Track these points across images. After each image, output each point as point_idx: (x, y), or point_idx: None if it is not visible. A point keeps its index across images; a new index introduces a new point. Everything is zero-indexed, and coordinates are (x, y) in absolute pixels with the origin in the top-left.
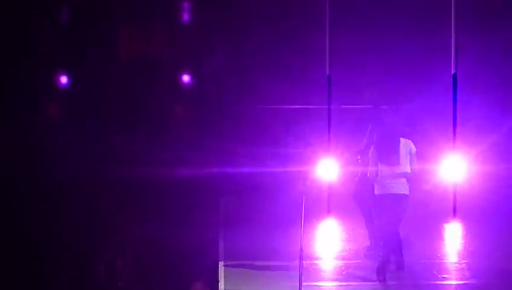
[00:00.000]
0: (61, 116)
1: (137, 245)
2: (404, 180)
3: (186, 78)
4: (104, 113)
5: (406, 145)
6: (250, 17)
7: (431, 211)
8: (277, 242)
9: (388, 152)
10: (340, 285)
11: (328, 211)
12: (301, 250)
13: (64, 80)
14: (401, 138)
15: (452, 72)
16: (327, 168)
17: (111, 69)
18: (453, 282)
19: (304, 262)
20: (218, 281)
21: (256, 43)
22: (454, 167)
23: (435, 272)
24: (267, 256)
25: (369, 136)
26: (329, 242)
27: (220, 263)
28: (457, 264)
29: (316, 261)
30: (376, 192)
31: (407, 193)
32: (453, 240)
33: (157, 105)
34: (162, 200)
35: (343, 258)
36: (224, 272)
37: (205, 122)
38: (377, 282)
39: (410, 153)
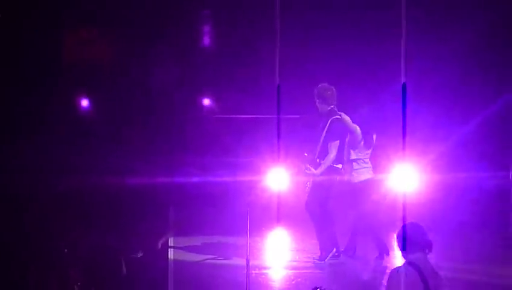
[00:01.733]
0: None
1: (89, 255)
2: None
3: (134, 87)
4: (52, 124)
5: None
6: (199, 27)
7: (380, 221)
8: (225, 252)
9: (368, 139)
10: None
11: (278, 221)
12: (247, 260)
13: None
14: None
15: (402, 82)
16: (277, 178)
17: (55, 76)
18: None
19: (252, 272)
20: None
21: (205, 52)
22: (404, 177)
23: (384, 282)
24: (215, 267)
25: (323, 145)
26: (278, 252)
27: (169, 273)
28: None
29: (265, 271)
30: (358, 179)
31: None
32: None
33: (106, 115)
34: (112, 210)
35: (293, 268)
36: (174, 283)
37: (154, 132)
38: None
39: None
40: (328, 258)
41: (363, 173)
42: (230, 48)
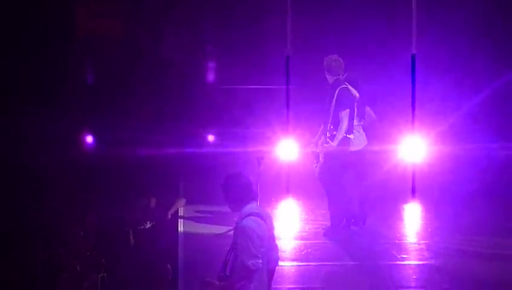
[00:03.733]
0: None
1: (98, 226)
2: None
3: (143, 58)
4: (56, 94)
5: None
6: None
7: (390, 192)
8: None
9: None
10: (299, 265)
11: (287, 191)
12: None
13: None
14: None
15: (411, 53)
16: (286, 149)
17: (65, 46)
18: (413, 262)
19: None
20: (177, 263)
21: (214, 23)
22: (413, 148)
23: (394, 252)
24: (225, 237)
25: (334, 115)
26: (288, 222)
27: (179, 243)
28: (416, 245)
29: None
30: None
31: None
32: (412, 220)
33: (114, 86)
34: (121, 181)
35: (303, 239)
36: (183, 252)
37: (164, 103)
38: (336, 262)
39: None
40: (338, 228)
41: (360, 141)
42: (241, 18)
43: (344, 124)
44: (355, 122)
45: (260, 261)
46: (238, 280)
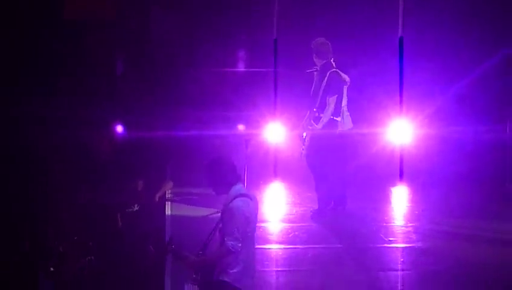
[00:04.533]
0: None
1: (86, 208)
2: None
3: (132, 42)
4: (49, 75)
5: None
6: None
7: (377, 175)
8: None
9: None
10: (287, 248)
11: (275, 175)
12: None
13: None
14: None
15: (399, 36)
16: (274, 131)
17: (52, 30)
18: (400, 245)
19: None
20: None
21: (203, 5)
22: (401, 131)
23: (381, 235)
24: (212, 220)
25: (322, 98)
26: (275, 205)
27: (166, 226)
28: (403, 228)
29: (263, 225)
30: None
31: None
32: (399, 203)
33: (104, 69)
34: (109, 164)
35: (290, 221)
36: (171, 235)
37: (152, 85)
38: (323, 245)
39: None
40: (325, 211)
41: (347, 123)
42: (229, 1)
43: (330, 109)
44: (344, 103)
45: (240, 244)
46: (214, 258)
